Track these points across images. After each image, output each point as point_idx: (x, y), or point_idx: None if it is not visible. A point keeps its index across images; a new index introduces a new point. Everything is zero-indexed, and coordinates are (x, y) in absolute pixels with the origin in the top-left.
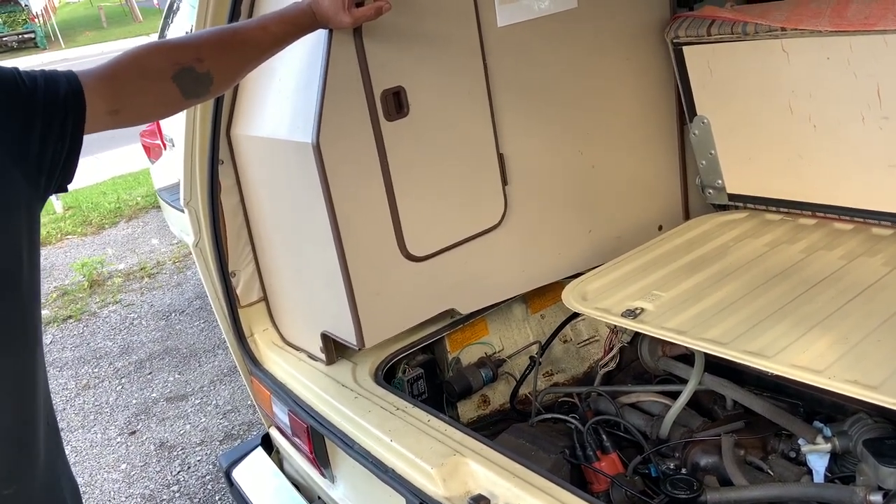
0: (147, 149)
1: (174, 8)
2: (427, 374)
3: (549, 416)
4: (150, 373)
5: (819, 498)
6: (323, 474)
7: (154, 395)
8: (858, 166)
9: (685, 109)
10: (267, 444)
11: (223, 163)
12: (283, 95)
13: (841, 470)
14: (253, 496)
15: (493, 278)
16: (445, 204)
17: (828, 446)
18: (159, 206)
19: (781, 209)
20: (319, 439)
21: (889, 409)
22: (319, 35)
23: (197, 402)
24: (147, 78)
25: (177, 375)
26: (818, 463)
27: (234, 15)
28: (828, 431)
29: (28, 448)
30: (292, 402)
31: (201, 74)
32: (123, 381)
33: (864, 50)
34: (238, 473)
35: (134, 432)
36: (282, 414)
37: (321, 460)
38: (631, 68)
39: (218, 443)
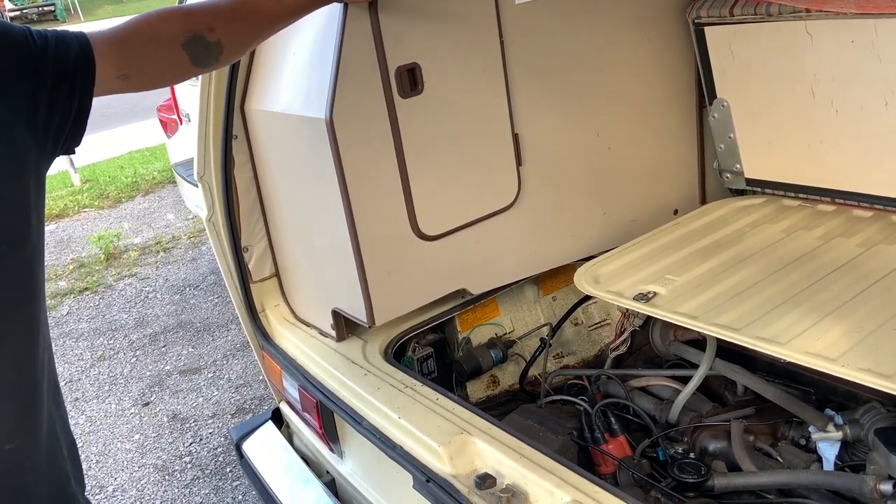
0: (164, 123)
1: None
2: (437, 354)
3: (557, 397)
4: (164, 346)
5: (828, 485)
6: (332, 449)
7: (168, 367)
8: (880, 153)
9: (705, 92)
10: (277, 418)
11: (237, 138)
12: (297, 70)
13: (851, 458)
14: (263, 469)
15: (506, 259)
16: (459, 183)
17: (839, 434)
18: (175, 181)
19: (800, 195)
20: (329, 415)
21: None
22: (333, 9)
23: (209, 375)
24: (157, 44)
25: (190, 349)
26: (829, 451)
27: None
28: (839, 419)
29: (31, 404)
30: (302, 377)
31: (211, 43)
32: (138, 353)
33: (890, 33)
34: (248, 446)
35: (147, 404)
36: (292, 389)
37: (330, 436)
38: (651, 49)
39: (230, 416)
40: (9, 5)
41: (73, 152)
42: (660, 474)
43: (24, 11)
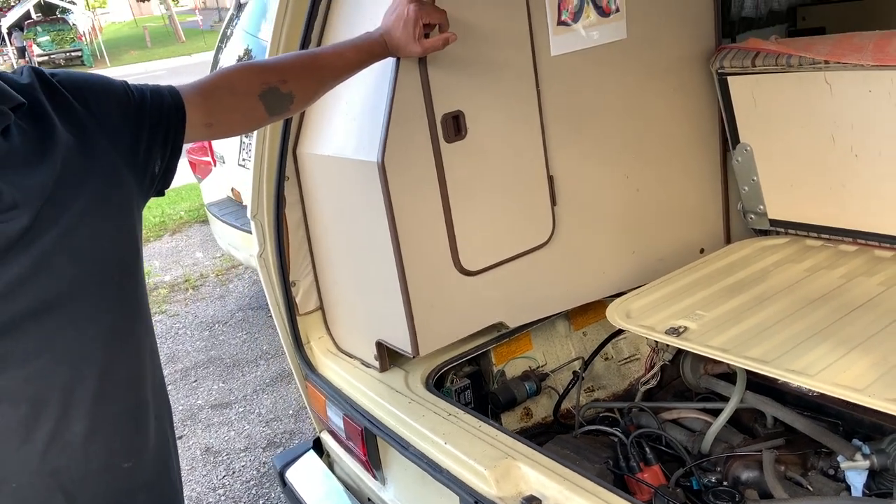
0: (193, 165)
1: (227, 34)
2: (473, 385)
3: (593, 427)
4: (196, 380)
5: None
6: (375, 476)
7: (199, 402)
8: None
9: (728, 137)
10: (317, 447)
11: (289, 179)
12: (349, 117)
13: (878, 487)
14: (306, 496)
15: (540, 294)
16: (497, 222)
17: (866, 463)
18: (203, 221)
19: (822, 235)
20: (373, 442)
21: None
22: (386, 63)
23: (240, 409)
24: (237, 95)
25: (221, 384)
26: (857, 479)
27: (305, 43)
28: (866, 449)
29: (142, 425)
30: (348, 406)
31: (284, 94)
32: (170, 387)
33: None
34: (291, 474)
35: (181, 437)
36: (336, 418)
37: (373, 462)
38: (677, 96)
39: (261, 449)
40: (37, 50)
41: (164, 194)
42: (696, 502)
43: (52, 56)
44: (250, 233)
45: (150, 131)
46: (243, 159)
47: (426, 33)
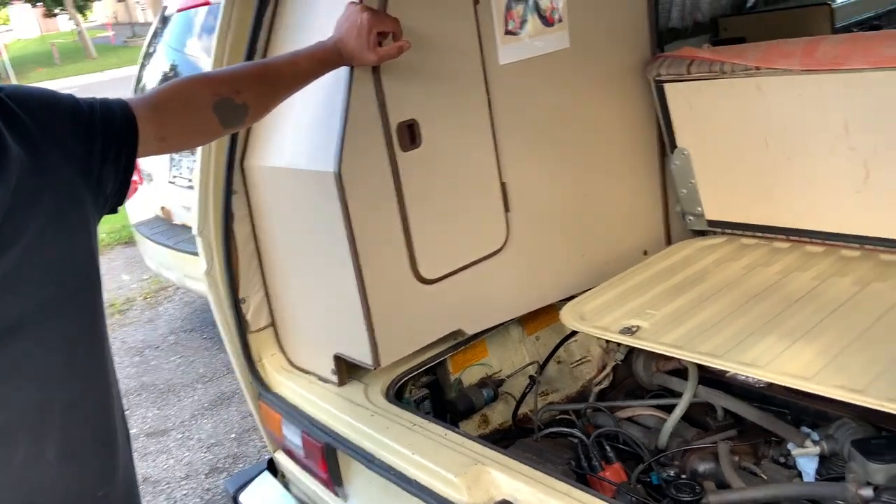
0: None
1: (150, 51)
2: (432, 395)
3: (555, 429)
4: (128, 409)
5: (813, 495)
6: (336, 493)
7: (133, 430)
8: (828, 193)
9: (666, 142)
10: (272, 468)
11: (236, 193)
12: (300, 128)
13: (828, 472)
14: None
15: (497, 300)
16: (454, 229)
17: (816, 449)
18: (126, 243)
19: (757, 234)
20: (333, 458)
21: (872, 410)
22: (338, 72)
23: (178, 436)
24: (190, 108)
25: (155, 411)
26: (808, 465)
27: (251, 54)
28: (816, 436)
29: (113, 450)
30: (306, 422)
31: (239, 105)
32: None
33: (833, 87)
34: (245, 498)
35: None
36: (293, 436)
37: (335, 479)
38: (617, 104)
39: (204, 476)
40: None
41: (117, 211)
42: (654, 498)
43: None
44: (184, 252)
45: (102, 146)
46: (174, 176)
47: (379, 42)
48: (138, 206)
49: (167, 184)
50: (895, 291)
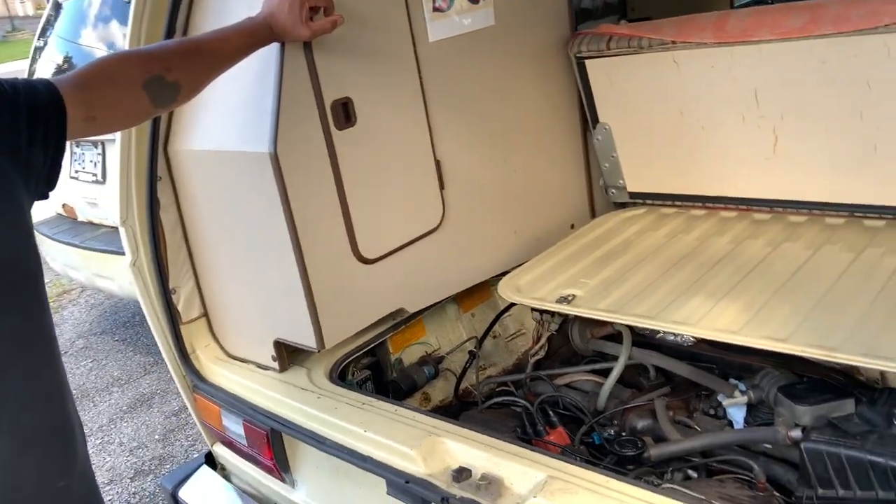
0: None
1: (41, 45)
2: (374, 376)
3: (500, 399)
4: None
5: (747, 441)
6: (283, 479)
7: None
8: (740, 160)
9: (588, 117)
10: (210, 461)
11: (161, 179)
12: (229, 109)
13: (755, 420)
14: None
15: (436, 277)
16: (392, 208)
17: (745, 398)
18: None
19: (676, 203)
20: (279, 444)
21: (793, 358)
22: (267, 49)
23: (98, 442)
24: (119, 86)
25: None
26: (737, 415)
27: (170, 34)
28: (743, 386)
29: (71, 440)
30: (249, 410)
31: (170, 83)
32: None
33: (743, 58)
34: (186, 493)
35: None
36: (234, 426)
37: (282, 466)
38: (541, 80)
39: (129, 480)
40: None
41: (48, 197)
42: (597, 457)
43: None
44: (92, 250)
45: (28, 128)
46: (76, 171)
47: (311, 16)
48: (36, 204)
49: (69, 179)
50: (805, 250)
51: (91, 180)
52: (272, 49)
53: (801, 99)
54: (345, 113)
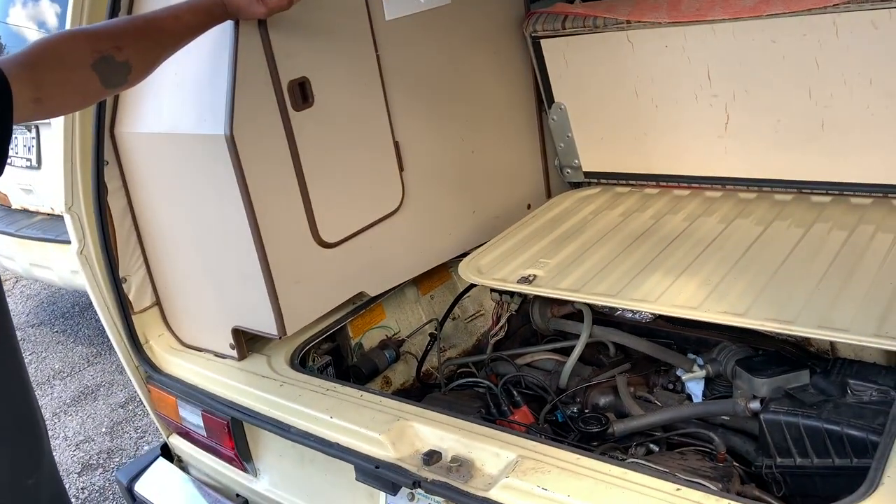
0: None
1: None
2: (335, 362)
3: (464, 381)
4: None
5: (707, 414)
6: (245, 469)
7: None
8: (693, 139)
9: (544, 97)
10: (166, 453)
11: (108, 163)
12: (181, 90)
13: (713, 393)
14: None
15: (397, 260)
16: (352, 190)
17: (703, 373)
18: None
19: (630, 182)
20: (241, 434)
21: (748, 332)
22: (220, 28)
23: None
24: (67, 66)
25: None
26: (696, 388)
27: (114, 10)
28: (701, 361)
29: (38, 436)
30: (208, 400)
31: (120, 63)
32: None
33: (697, 38)
34: (141, 487)
35: None
36: (192, 416)
37: (243, 455)
38: (497, 60)
39: (76, 475)
40: None
41: None
42: (561, 435)
43: None
44: (28, 238)
45: None
46: (10, 156)
47: None
48: None
49: None
50: (757, 226)
51: (25, 165)
52: (225, 27)
53: (752, 77)
54: (302, 93)
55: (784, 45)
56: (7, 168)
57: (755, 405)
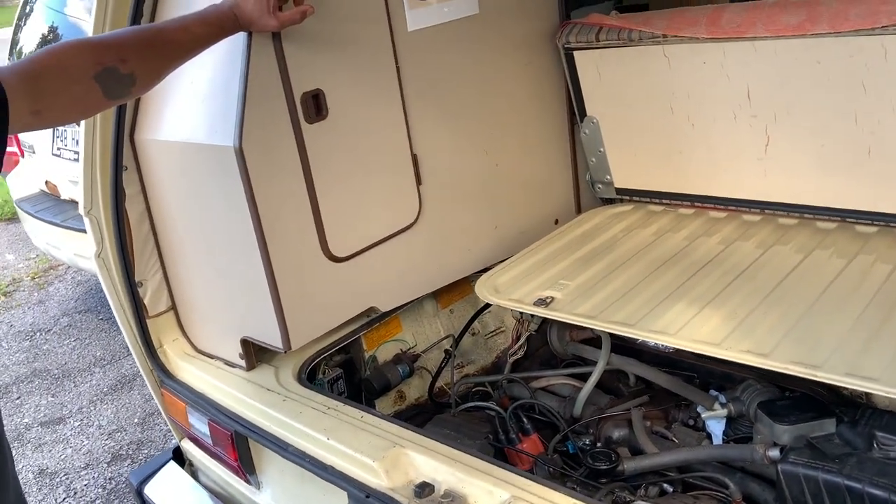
0: None
1: (27, 11)
2: (346, 375)
3: (471, 404)
4: (19, 397)
5: (724, 458)
6: (248, 481)
7: (26, 420)
8: (730, 160)
9: (576, 110)
10: (178, 457)
11: (127, 169)
12: (197, 99)
13: (735, 433)
14: None
15: (411, 275)
16: (365, 205)
17: (724, 411)
18: (10, 219)
19: (664, 200)
20: (244, 446)
21: (778, 373)
22: (235, 38)
23: (76, 424)
24: (69, 78)
25: (50, 398)
26: (716, 427)
27: (136, 16)
28: (723, 398)
29: (3, 459)
30: (213, 410)
31: (124, 75)
32: None
33: (737, 55)
34: (151, 490)
35: None
36: (200, 424)
37: (246, 468)
38: (528, 72)
39: (106, 465)
40: None
41: None
42: (571, 466)
43: None
44: (73, 230)
45: None
46: (58, 148)
47: (280, 6)
48: (20, 180)
49: (51, 156)
50: (795, 254)
51: (73, 158)
52: (240, 38)
53: (795, 99)
54: (315, 105)
55: (829, 67)
56: (57, 160)
57: (774, 453)
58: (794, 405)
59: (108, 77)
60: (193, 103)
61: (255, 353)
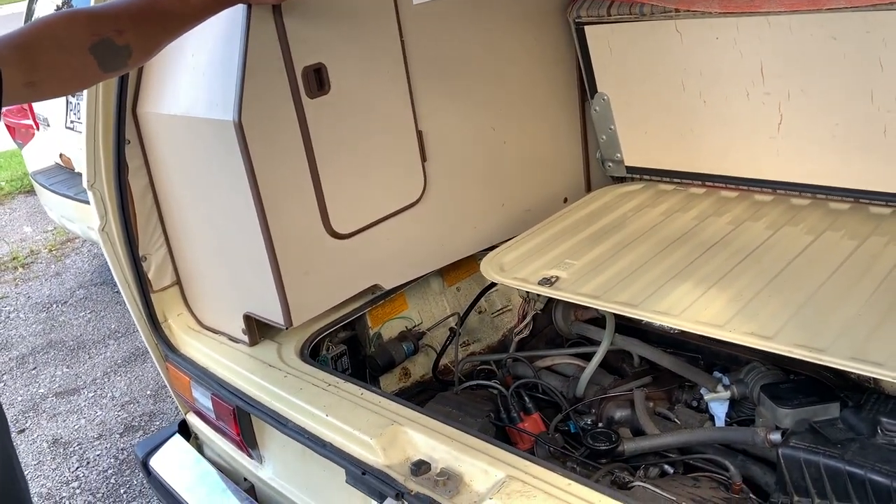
0: (12, 129)
1: None
2: (350, 351)
3: (473, 382)
4: (35, 367)
5: (724, 440)
6: (251, 455)
7: (41, 390)
8: (743, 138)
9: (587, 87)
10: (184, 431)
11: (129, 142)
12: (197, 72)
13: (738, 415)
14: (175, 484)
15: (415, 253)
16: (368, 181)
17: (727, 394)
18: (28, 191)
19: (674, 179)
20: (246, 420)
21: (782, 356)
22: (236, 10)
23: (90, 395)
24: (64, 49)
25: (65, 369)
26: (719, 409)
27: None
28: (726, 380)
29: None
30: (216, 385)
31: (120, 47)
32: (5, 377)
33: (750, 30)
34: (156, 462)
35: (23, 430)
36: (203, 398)
37: (248, 441)
38: (537, 47)
39: (118, 435)
40: None
41: None
42: (572, 446)
43: None
44: (86, 202)
45: None
46: (71, 121)
47: None
48: (35, 153)
49: (65, 129)
50: (805, 235)
51: None
52: (239, 10)
53: (809, 76)
54: (317, 80)
55: (845, 43)
56: (70, 133)
57: (776, 437)
58: (797, 388)
59: (103, 49)
60: (194, 76)
61: (258, 329)
